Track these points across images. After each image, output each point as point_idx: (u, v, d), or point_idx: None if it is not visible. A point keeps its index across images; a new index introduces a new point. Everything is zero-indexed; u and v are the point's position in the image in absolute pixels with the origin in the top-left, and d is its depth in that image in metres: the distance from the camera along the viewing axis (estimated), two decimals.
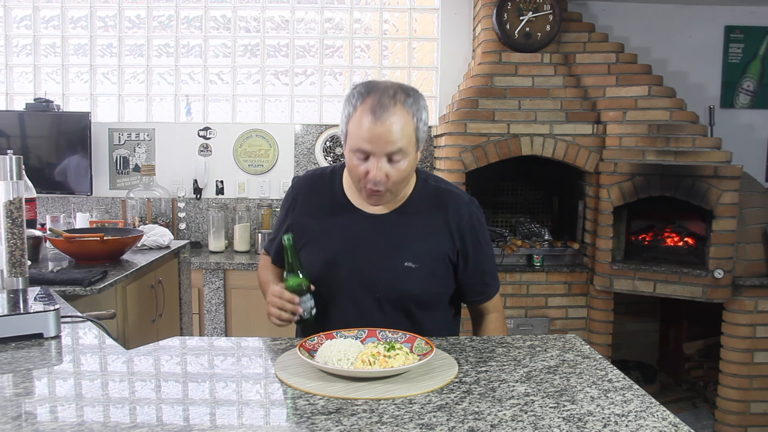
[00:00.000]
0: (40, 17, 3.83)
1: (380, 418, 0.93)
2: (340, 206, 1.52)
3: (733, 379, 3.07)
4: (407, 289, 1.46)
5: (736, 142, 3.55)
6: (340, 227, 1.49)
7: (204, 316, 3.41)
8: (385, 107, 1.34)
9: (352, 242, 1.47)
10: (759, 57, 3.96)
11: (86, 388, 1.04)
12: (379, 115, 1.33)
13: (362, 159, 1.37)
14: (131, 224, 3.14)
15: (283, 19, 3.90)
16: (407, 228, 1.48)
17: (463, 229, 1.51)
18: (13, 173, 1.45)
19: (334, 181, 1.55)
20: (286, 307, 1.38)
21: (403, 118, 1.35)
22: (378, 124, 1.33)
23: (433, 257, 1.48)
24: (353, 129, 1.37)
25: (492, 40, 3.45)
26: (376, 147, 1.34)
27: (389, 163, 1.36)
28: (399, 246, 1.46)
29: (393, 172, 1.37)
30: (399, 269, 1.45)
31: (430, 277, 1.47)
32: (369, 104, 1.35)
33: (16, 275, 1.48)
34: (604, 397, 1.03)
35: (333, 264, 1.46)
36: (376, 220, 1.49)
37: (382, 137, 1.33)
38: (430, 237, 1.49)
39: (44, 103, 3.59)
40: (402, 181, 1.41)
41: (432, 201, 1.51)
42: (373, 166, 1.35)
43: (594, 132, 3.29)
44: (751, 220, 3.06)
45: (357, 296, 1.46)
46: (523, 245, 3.36)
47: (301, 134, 3.86)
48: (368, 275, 1.45)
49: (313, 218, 1.52)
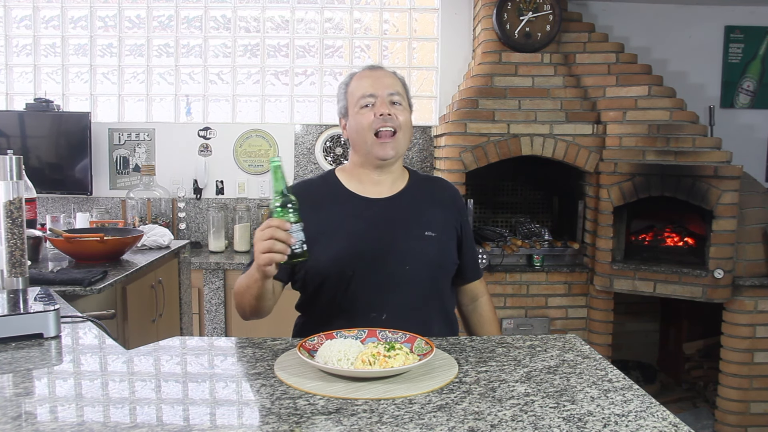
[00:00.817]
0: (40, 17, 3.83)
1: (380, 418, 0.93)
2: (346, 198, 1.55)
3: (733, 379, 3.07)
4: (434, 257, 1.52)
5: (736, 142, 3.55)
6: (351, 214, 1.52)
7: (204, 316, 3.41)
8: (378, 65, 1.59)
9: (370, 224, 1.50)
10: (759, 57, 3.96)
11: (86, 388, 1.04)
12: (375, 68, 1.57)
13: (368, 109, 1.50)
14: (131, 224, 3.14)
15: (283, 19, 3.90)
16: (415, 204, 1.56)
17: (459, 207, 1.64)
18: (13, 173, 1.45)
19: (330, 183, 1.59)
20: (278, 235, 1.23)
21: (392, 74, 1.57)
22: (376, 71, 1.55)
23: (447, 227, 1.57)
24: (353, 90, 1.54)
25: (492, 40, 3.45)
26: (378, 88, 1.51)
27: (392, 107, 1.51)
28: (416, 218, 1.53)
29: (397, 112, 1.51)
30: (423, 238, 1.51)
31: (448, 245, 1.57)
32: (361, 70, 1.57)
33: (16, 275, 1.48)
34: (604, 397, 1.03)
35: (359, 247, 1.48)
36: (383, 202, 1.55)
37: (382, 79, 1.53)
38: (438, 210, 1.57)
39: (44, 103, 3.59)
40: (405, 129, 1.53)
41: (427, 185, 1.63)
42: (380, 104, 1.50)
43: (594, 132, 3.29)
44: (751, 220, 3.06)
45: (386, 274, 1.47)
46: (523, 245, 3.36)
47: (301, 134, 3.86)
48: (397, 249, 1.48)
49: (319, 212, 1.50)
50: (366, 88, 1.51)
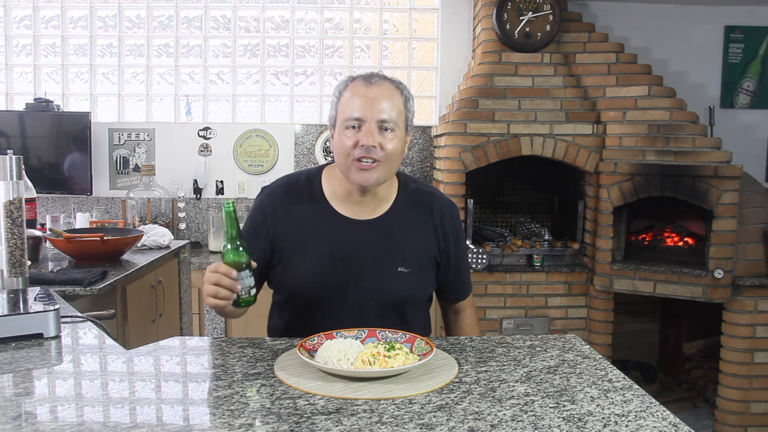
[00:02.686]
0: (40, 17, 3.83)
1: (380, 418, 0.93)
2: (324, 214, 1.46)
3: (733, 379, 3.07)
4: (403, 293, 1.47)
5: (736, 142, 3.54)
6: (327, 236, 1.44)
7: (204, 316, 3.41)
8: (376, 76, 1.41)
9: (342, 251, 1.43)
10: (759, 57, 3.96)
11: (86, 388, 1.04)
12: (370, 81, 1.39)
13: (353, 131, 1.37)
14: (131, 224, 3.15)
15: (283, 19, 3.90)
16: (396, 233, 1.47)
17: (446, 228, 1.52)
18: (13, 173, 1.45)
19: (313, 189, 1.48)
20: (223, 281, 1.24)
21: (393, 91, 1.40)
22: (370, 89, 1.37)
23: (423, 260, 1.49)
24: (344, 104, 1.39)
25: (492, 40, 3.45)
26: (367, 111, 1.35)
27: (380, 134, 1.36)
28: (391, 252, 1.45)
29: (385, 142, 1.36)
30: (394, 275, 1.44)
31: (421, 280, 1.50)
32: (358, 80, 1.40)
33: (16, 275, 1.48)
34: (604, 397, 1.03)
35: (324, 275, 1.42)
36: (364, 226, 1.45)
37: (374, 101, 1.36)
38: (419, 240, 1.49)
39: (44, 103, 3.58)
40: (392, 158, 1.39)
41: (415, 203, 1.51)
42: (365, 132, 1.35)
43: (594, 132, 3.29)
44: (751, 220, 3.06)
45: (350, 304, 1.43)
46: (523, 245, 3.36)
47: (301, 134, 3.86)
48: (363, 283, 1.43)
49: (296, 229, 1.44)
50: (355, 109, 1.36)
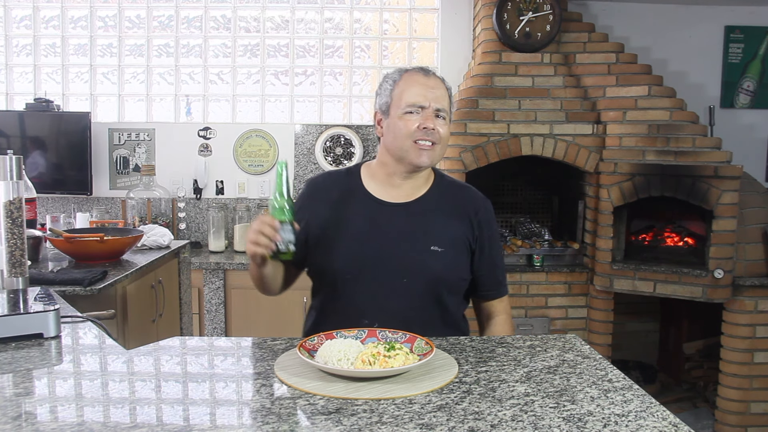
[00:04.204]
0: (40, 17, 3.83)
1: (380, 418, 0.93)
2: (361, 197, 1.55)
3: (733, 379, 3.07)
4: (436, 272, 1.49)
5: (736, 142, 3.55)
6: (362, 216, 1.52)
7: (204, 316, 3.41)
8: (429, 70, 1.53)
9: (376, 230, 1.50)
10: (759, 57, 3.96)
11: (86, 388, 1.04)
12: (428, 72, 1.52)
13: (414, 115, 1.47)
14: (131, 224, 3.14)
15: (283, 19, 3.90)
16: (429, 215, 1.53)
17: (480, 219, 1.58)
18: (13, 173, 1.45)
19: (351, 177, 1.59)
20: (265, 230, 1.32)
21: (442, 84, 1.53)
22: (429, 79, 1.50)
23: (457, 242, 1.53)
24: (402, 91, 1.49)
25: (492, 40, 3.45)
26: (429, 98, 1.47)
27: (436, 119, 1.48)
28: (424, 231, 1.50)
29: (440, 126, 1.48)
30: (426, 253, 1.48)
31: (455, 261, 1.53)
32: (414, 71, 1.52)
33: (16, 275, 1.48)
34: (604, 397, 1.03)
35: (358, 252, 1.48)
36: (398, 208, 1.53)
37: (434, 89, 1.49)
38: (452, 222, 1.54)
39: (44, 103, 3.59)
40: (444, 142, 1.50)
41: (450, 192, 1.59)
42: (426, 116, 1.47)
43: (594, 132, 3.29)
44: (751, 220, 3.06)
45: (384, 283, 1.47)
46: (523, 245, 3.36)
47: (301, 134, 3.86)
48: (396, 261, 1.47)
49: (333, 210, 1.53)
50: (416, 96, 1.47)
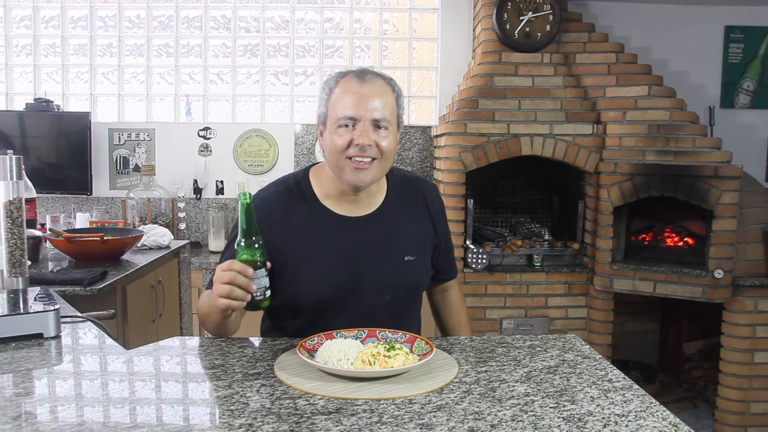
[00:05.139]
0: (40, 17, 3.83)
1: (380, 418, 0.93)
2: (322, 216, 1.42)
3: (733, 379, 3.07)
4: (414, 281, 1.49)
5: (736, 142, 3.54)
6: (329, 238, 1.41)
7: None
8: (369, 73, 1.37)
9: (348, 251, 1.41)
10: (759, 57, 3.96)
11: (86, 388, 1.04)
12: (364, 78, 1.35)
13: (347, 129, 1.34)
14: (131, 224, 3.14)
15: (283, 19, 3.90)
16: (395, 224, 1.47)
17: (437, 210, 1.55)
18: (13, 173, 1.45)
19: (304, 191, 1.45)
20: (238, 280, 1.15)
21: (385, 88, 1.37)
22: (364, 86, 1.34)
23: (423, 245, 1.51)
24: (335, 102, 1.35)
25: (492, 40, 3.45)
26: (362, 110, 1.32)
27: (375, 132, 1.34)
28: (395, 243, 1.45)
29: (380, 140, 1.34)
30: (402, 265, 1.45)
31: (425, 265, 1.52)
32: (350, 76, 1.37)
33: (16, 275, 1.48)
34: (604, 397, 1.03)
35: (334, 278, 1.40)
36: (363, 222, 1.43)
37: (369, 99, 1.33)
38: (416, 227, 1.50)
39: (44, 103, 3.58)
40: (387, 156, 1.37)
41: (407, 191, 1.52)
42: (360, 131, 1.32)
43: (594, 132, 3.29)
44: (751, 220, 3.06)
45: (365, 303, 1.42)
46: (523, 245, 3.36)
47: (301, 134, 3.86)
48: (375, 280, 1.42)
49: (296, 236, 1.40)
50: (348, 108, 1.32)
